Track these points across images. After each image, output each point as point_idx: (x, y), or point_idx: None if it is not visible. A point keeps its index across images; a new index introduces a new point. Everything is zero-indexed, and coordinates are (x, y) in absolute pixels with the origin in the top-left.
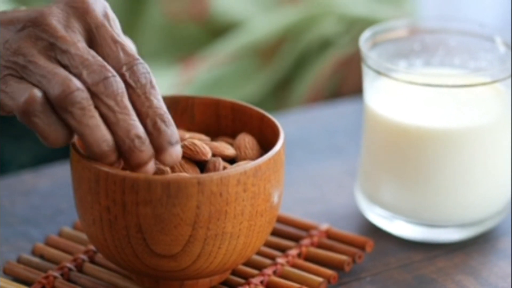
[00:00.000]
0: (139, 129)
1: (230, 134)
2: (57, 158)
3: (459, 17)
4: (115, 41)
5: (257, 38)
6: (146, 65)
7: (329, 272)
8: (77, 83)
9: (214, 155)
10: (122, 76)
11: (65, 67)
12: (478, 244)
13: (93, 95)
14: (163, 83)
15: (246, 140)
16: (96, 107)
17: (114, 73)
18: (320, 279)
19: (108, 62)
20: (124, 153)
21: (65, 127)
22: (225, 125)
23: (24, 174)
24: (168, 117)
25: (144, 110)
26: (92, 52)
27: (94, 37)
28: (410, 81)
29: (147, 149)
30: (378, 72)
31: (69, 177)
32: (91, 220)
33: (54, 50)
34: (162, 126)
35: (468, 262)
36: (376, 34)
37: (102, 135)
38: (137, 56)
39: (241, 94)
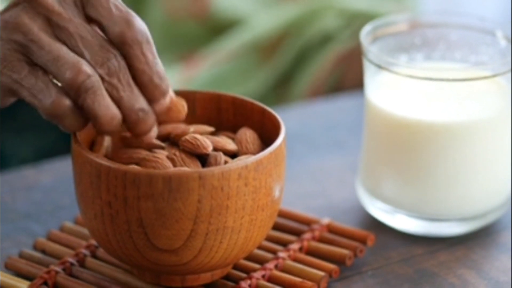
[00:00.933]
0: (142, 103)
1: (231, 129)
2: (58, 152)
3: (459, 11)
4: (108, 2)
5: (258, 35)
6: (140, 20)
7: (330, 266)
8: (87, 68)
9: (215, 149)
10: (117, 37)
11: (64, 43)
12: (479, 238)
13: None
14: None
15: (247, 135)
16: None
17: (115, 51)
18: (321, 273)
19: (103, 23)
20: (129, 124)
21: (80, 113)
22: (226, 119)
23: (25, 170)
24: (161, 70)
25: (141, 67)
26: (89, 28)
27: (88, 5)
28: (411, 75)
29: (150, 118)
30: (379, 66)
31: (70, 172)
32: (92, 215)
33: (51, 26)
34: (157, 80)
35: (469, 256)
36: (377, 28)
37: (113, 113)
38: (129, 10)
39: (243, 90)
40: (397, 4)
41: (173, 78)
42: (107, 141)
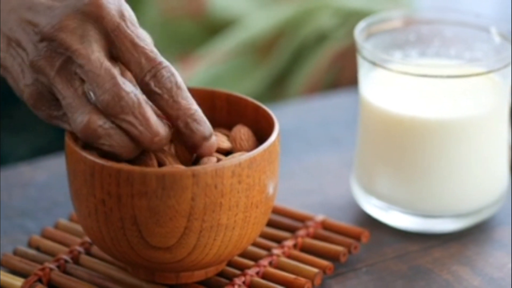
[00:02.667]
0: (160, 134)
1: (226, 126)
2: (55, 151)
3: (454, 8)
4: (135, 45)
5: (254, 35)
6: (169, 67)
7: (325, 263)
8: (96, 119)
9: None
10: (146, 85)
11: (83, 81)
12: (473, 235)
13: (110, 116)
14: None
15: (242, 132)
16: (117, 125)
17: (127, 88)
18: (315, 270)
19: (130, 69)
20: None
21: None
22: (220, 116)
23: (21, 167)
24: (198, 114)
25: (174, 113)
26: (106, 64)
27: (113, 41)
28: (406, 72)
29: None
30: (374, 63)
31: (65, 170)
32: (86, 213)
33: (72, 63)
34: (194, 125)
35: (463, 253)
36: (371, 25)
37: (122, 153)
38: (159, 59)
39: (239, 90)
40: (392, 2)
41: None
42: None
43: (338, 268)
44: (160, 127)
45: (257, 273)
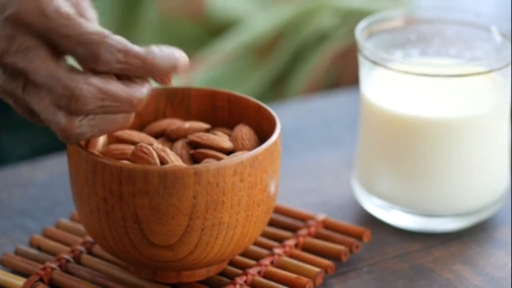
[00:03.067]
0: (136, 96)
1: (227, 125)
2: (55, 149)
3: (455, 7)
4: (68, 37)
5: (255, 35)
6: (106, 45)
7: (326, 262)
8: (70, 123)
9: (211, 147)
10: (99, 72)
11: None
12: (475, 234)
13: (82, 113)
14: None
15: (243, 131)
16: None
17: (79, 83)
18: (317, 269)
19: (78, 61)
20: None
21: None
22: (222, 116)
23: (21, 166)
24: (156, 60)
25: (136, 74)
26: (49, 69)
27: (49, 41)
28: (406, 71)
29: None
30: (374, 62)
31: (66, 169)
32: (88, 211)
33: (27, 81)
34: (158, 68)
35: (465, 252)
36: (372, 24)
37: (118, 127)
38: (88, 38)
39: (240, 91)
40: (392, 1)
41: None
42: (102, 137)
43: (339, 267)
44: (131, 91)
45: (259, 273)
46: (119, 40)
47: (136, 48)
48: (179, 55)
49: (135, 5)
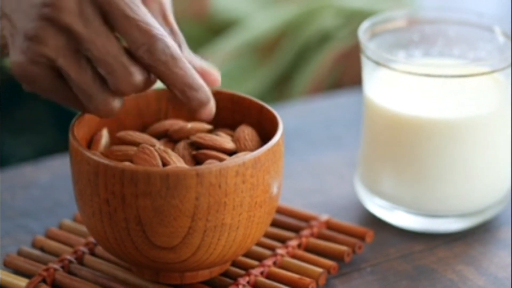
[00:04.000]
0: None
1: (230, 126)
2: (57, 150)
3: (458, 8)
4: (128, 18)
5: (257, 35)
6: (163, 40)
7: (329, 262)
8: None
9: (214, 148)
10: (141, 58)
11: (91, 61)
12: (478, 234)
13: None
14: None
15: (246, 132)
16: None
17: (136, 74)
18: (320, 270)
19: (126, 42)
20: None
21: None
22: (224, 116)
23: (24, 167)
24: (194, 82)
25: (171, 83)
26: (113, 50)
27: (108, 17)
28: (409, 71)
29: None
30: (377, 63)
31: (68, 170)
32: (90, 213)
33: (77, 45)
34: (191, 93)
35: (468, 252)
36: (375, 24)
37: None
38: (153, 31)
39: (242, 91)
40: (395, 2)
41: None
42: (105, 138)
43: (342, 268)
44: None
45: (262, 273)
46: (175, 47)
47: (184, 61)
48: (212, 103)
49: None
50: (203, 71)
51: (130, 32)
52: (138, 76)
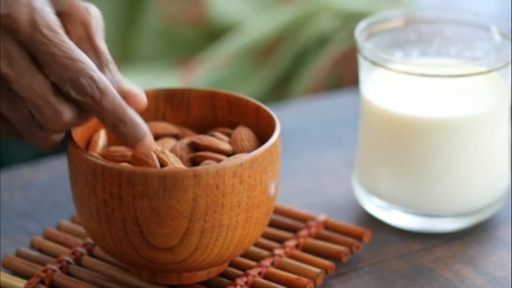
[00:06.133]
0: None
1: (227, 126)
2: (55, 151)
3: (455, 7)
4: (51, 54)
5: (255, 39)
6: (88, 73)
7: (326, 262)
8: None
9: (210, 149)
10: (67, 93)
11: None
12: (475, 234)
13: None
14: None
15: (243, 133)
16: None
17: (65, 112)
18: (317, 270)
19: (52, 78)
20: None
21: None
22: (222, 117)
23: (22, 168)
24: (127, 117)
25: (101, 117)
26: (39, 90)
27: (34, 55)
28: (406, 71)
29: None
30: (374, 63)
31: (67, 171)
32: (88, 213)
33: (9, 85)
34: (123, 128)
35: (466, 252)
36: (372, 24)
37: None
38: (76, 66)
39: (241, 94)
40: (393, 3)
41: (171, 83)
42: (102, 139)
43: (340, 268)
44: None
45: (259, 274)
46: (102, 80)
47: (113, 94)
48: (148, 138)
49: (136, 11)
50: (128, 93)
51: (54, 68)
52: (67, 114)
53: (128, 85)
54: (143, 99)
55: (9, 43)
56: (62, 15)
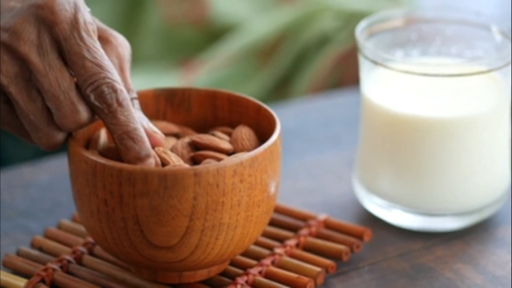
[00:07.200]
0: None
1: (227, 126)
2: (56, 152)
3: (455, 7)
4: (81, 56)
5: (256, 39)
6: (112, 84)
7: (327, 261)
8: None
9: (210, 148)
10: (88, 97)
11: (41, 92)
12: (476, 233)
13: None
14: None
15: (243, 132)
16: None
17: (85, 113)
18: (318, 269)
19: (77, 78)
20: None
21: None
22: (222, 116)
23: (22, 167)
24: (136, 133)
25: (112, 128)
26: (64, 86)
27: (64, 50)
28: (407, 70)
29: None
30: (375, 62)
31: (67, 170)
32: (89, 213)
33: (30, 75)
34: (129, 143)
35: (466, 251)
36: (373, 24)
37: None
38: (103, 73)
39: (242, 94)
40: (393, 3)
41: (172, 83)
42: (103, 138)
43: (340, 267)
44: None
45: (260, 272)
46: (124, 93)
47: (131, 111)
48: (151, 160)
49: (137, 11)
50: (149, 132)
51: (81, 71)
52: (84, 114)
53: (150, 124)
54: (162, 140)
55: (44, 34)
56: (100, 39)
